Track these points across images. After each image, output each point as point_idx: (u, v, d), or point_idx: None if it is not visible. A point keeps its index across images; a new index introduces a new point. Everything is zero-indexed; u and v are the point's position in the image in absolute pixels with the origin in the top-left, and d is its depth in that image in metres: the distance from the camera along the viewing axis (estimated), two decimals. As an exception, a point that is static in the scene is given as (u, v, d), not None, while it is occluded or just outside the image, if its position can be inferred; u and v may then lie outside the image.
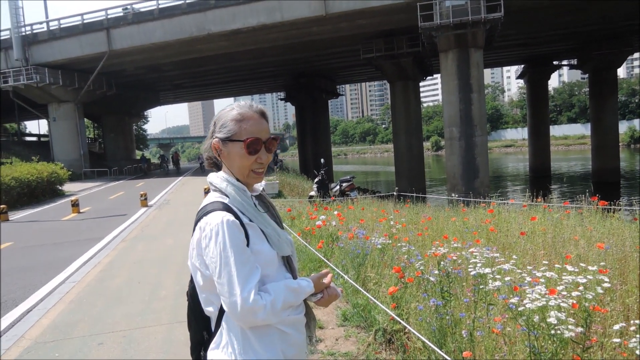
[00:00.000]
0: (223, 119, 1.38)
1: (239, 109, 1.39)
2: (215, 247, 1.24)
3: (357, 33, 24.39)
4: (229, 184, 1.36)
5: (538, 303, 1.86)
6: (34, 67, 27.63)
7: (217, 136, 1.38)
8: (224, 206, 1.31)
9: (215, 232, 1.24)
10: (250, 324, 1.26)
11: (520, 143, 75.67)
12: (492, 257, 2.87)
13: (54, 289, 5.87)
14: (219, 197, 1.35)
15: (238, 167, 1.37)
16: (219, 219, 1.25)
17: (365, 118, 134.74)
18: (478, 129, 20.30)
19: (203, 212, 1.31)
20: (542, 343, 1.97)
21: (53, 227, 11.38)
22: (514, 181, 37.35)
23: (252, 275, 1.24)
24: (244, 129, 1.36)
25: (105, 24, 26.59)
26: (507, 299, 2.22)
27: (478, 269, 2.48)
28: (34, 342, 4.08)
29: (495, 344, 2.37)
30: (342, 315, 3.98)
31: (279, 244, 1.36)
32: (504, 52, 34.30)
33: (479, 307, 2.63)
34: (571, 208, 6.12)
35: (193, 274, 1.36)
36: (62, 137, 30.62)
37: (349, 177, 14.02)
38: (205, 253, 1.26)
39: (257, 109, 1.41)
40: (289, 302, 1.30)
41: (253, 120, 1.37)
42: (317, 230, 6.50)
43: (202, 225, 1.28)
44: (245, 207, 1.34)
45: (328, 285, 1.42)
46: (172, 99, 51.48)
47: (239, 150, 1.35)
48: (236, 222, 1.27)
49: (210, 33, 24.39)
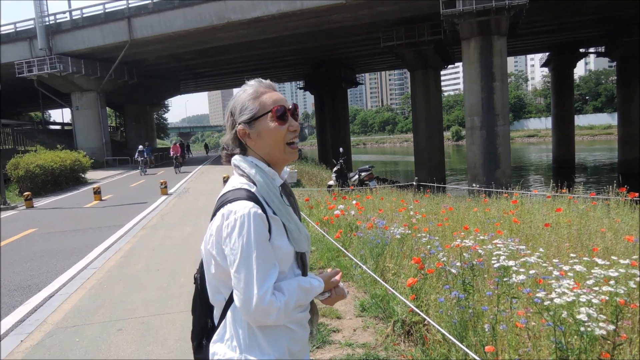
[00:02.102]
0: (240, 103, 1.31)
1: (250, 88, 1.33)
2: (238, 239, 1.17)
3: (378, 20, 24.08)
4: (258, 170, 1.28)
5: (566, 298, 1.77)
6: (57, 56, 28.07)
7: (241, 120, 1.30)
8: (251, 195, 1.23)
9: (240, 223, 1.17)
10: (260, 323, 1.21)
11: (543, 133, 74.15)
12: (517, 249, 2.77)
13: (76, 274, 5.97)
14: (246, 184, 1.27)
15: (272, 143, 1.30)
16: (246, 210, 1.18)
17: (384, 107, 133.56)
18: (500, 119, 19.91)
19: (227, 199, 1.23)
20: (569, 339, 1.88)
21: (75, 214, 11.59)
22: (537, 172, 36.65)
23: (271, 273, 1.19)
24: (265, 102, 1.30)
25: (127, 13, 26.80)
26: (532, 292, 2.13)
27: (502, 261, 2.39)
28: (56, 327, 4.14)
29: (519, 339, 2.29)
30: (360, 305, 3.93)
31: (299, 240, 1.29)
32: (528, 40, 33.49)
33: (502, 301, 2.55)
34: (597, 199, 5.93)
35: (205, 260, 1.30)
36: (84, 126, 31.15)
37: (367, 166, 13.90)
38: (225, 243, 1.20)
39: (267, 83, 1.35)
40: (300, 302, 1.26)
41: (269, 92, 1.32)
42: (335, 219, 6.44)
43: (226, 213, 1.20)
44: (272, 198, 1.26)
45: (337, 285, 1.38)
46: (193, 87, 51.83)
47: (268, 124, 1.28)
48: (263, 215, 1.20)
49: (230, 21, 24.37)
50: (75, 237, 8.50)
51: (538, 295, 1.93)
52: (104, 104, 32.42)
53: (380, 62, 41.09)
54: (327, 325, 3.64)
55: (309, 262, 1.39)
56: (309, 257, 1.40)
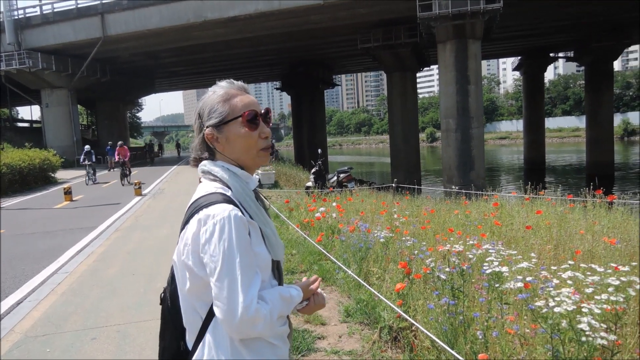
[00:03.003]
0: (209, 105, 1.23)
1: (220, 90, 1.25)
2: (219, 244, 1.07)
3: (356, 22, 24.12)
4: (232, 174, 1.20)
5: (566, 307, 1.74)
6: (26, 51, 27.15)
7: (209, 124, 1.22)
8: (228, 199, 1.14)
9: (220, 227, 1.08)
10: (244, 335, 1.11)
11: (515, 135, 75.80)
12: (509, 254, 2.75)
13: (46, 279, 5.72)
14: (220, 188, 1.18)
15: (242, 149, 1.22)
16: (226, 213, 1.09)
17: (360, 109, 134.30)
18: (475, 121, 20.21)
19: (202, 204, 1.13)
20: (568, 347, 1.85)
21: (45, 215, 11.19)
22: (509, 173, 37.41)
23: (255, 280, 1.10)
24: (235, 106, 1.22)
25: (100, 8, 26.14)
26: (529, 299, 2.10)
27: (494, 267, 2.36)
28: (24, 336, 3.93)
29: (512, 346, 2.26)
30: (345, 311, 3.86)
31: (276, 247, 1.22)
32: (502, 44, 34.14)
33: (493, 307, 2.51)
34: (575, 201, 6.03)
35: (179, 274, 1.18)
36: (55, 124, 30.21)
37: (346, 168, 13.89)
38: (204, 250, 1.09)
39: (239, 85, 1.27)
40: (282, 312, 1.17)
41: (240, 95, 1.24)
42: (316, 222, 6.37)
43: (203, 218, 1.10)
44: (248, 202, 1.19)
45: (315, 292, 1.31)
46: (167, 86, 50.95)
47: (238, 129, 1.21)
48: (244, 218, 1.11)
49: (207, 20, 24.03)
50: (45, 240, 8.18)
51: (537, 304, 1.89)
52: (75, 102, 31.52)
53: (358, 64, 41.23)
54: (312, 331, 3.56)
55: (284, 267, 1.30)
56: (285, 264, 1.32)
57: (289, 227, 6.72)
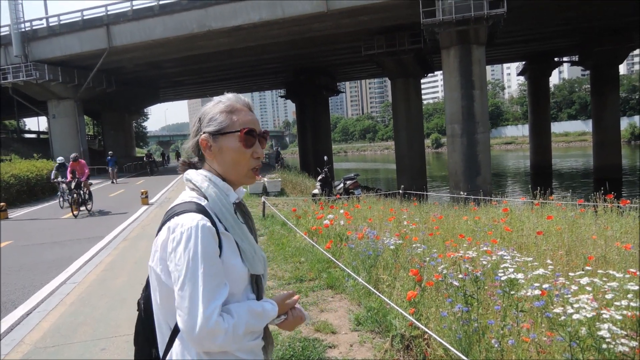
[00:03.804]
0: (211, 113, 1.24)
1: (226, 101, 1.26)
2: (184, 253, 1.07)
3: (359, 29, 24.20)
4: (211, 184, 1.20)
5: (585, 313, 1.70)
6: (33, 63, 27.39)
7: (207, 130, 1.22)
8: (200, 209, 1.14)
9: (186, 236, 1.08)
10: (206, 348, 1.09)
11: (520, 140, 75.51)
12: (524, 261, 2.71)
13: (55, 289, 5.72)
14: (196, 197, 1.18)
15: (232, 163, 1.22)
16: (194, 222, 1.09)
17: (365, 115, 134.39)
18: (480, 126, 20.15)
19: (175, 212, 1.14)
20: (587, 355, 1.81)
21: (53, 225, 11.22)
22: (515, 178, 37.21)
23: (220, 292, 1.08)
24: (236, 120, 1.23)
25: (105, 20, 26.38)
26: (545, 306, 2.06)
27: (509, 273, 2.32)
28: (34, 347, 3.92)
29: (529, 354, 2.22)
30: (355, 319, 3.83)
31: (253, 262, 1.20)
32: (506, 49, 34.11)
33: (508, 314, 2.47)
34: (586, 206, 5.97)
35: (152, 281, 1.19)
36: (61, 134, 30.39)
37: (352, 174, 13.86)
38: (170, 258, 1.10)
39: (244, 101, 1.28)
40: (251, 327, 1.15)
41: (244, 112, 1.25)
42: (324, 229, 6.34)
43: (172, 226, 1.11)
44: (224, 213, 1.18)
45: (293, 307, 1.29)
46: (172, 96, 51.25)
47: (233, 143, 1.21)
48: (212, 229, 1.11)
49: (211, 29, 24.19)
50: (53, 250, 8.20)
51: (555, 310, 1.86)
52: (81, 112, 31.74)
53: (361, 71, 41.32)
54: (322, 340, 3.52)
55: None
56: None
57: (296, 234, 6.69)
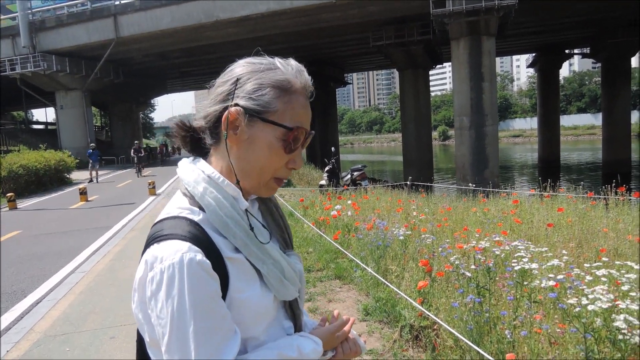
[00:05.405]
0: (258, 80, 0.85)
1: (285, 71, 0.87)
2: (166, 302, 0.75)
3: (367, 20, 24.03)
4: (209, 187, 0.84)
5: (601, 304, 1.67)
6: (41, 54, 27.51)
7: (243, 104, 0.83)
8: (192, 230, 0.80)
9: (168, 278, 0.75)
10: None
11: (528, 133, 74.93)
12: (539, 251, 2.68)
13: (64, 279, 5.75)
14: (187, 209, 0.84)
15: (256, 164, 0.85)
16: (176, 257, 0.76)
17: (372, 107, 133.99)
18: (489, 119, 19.99)
19: (154, 234, 0.81)
20: (602, 347, 1.79)
21: (61, 215, 11.30)
22: (523, 171, 36.97)
23: (224, 350, 0.77)
24: (290, 110, 0.85)
25: (113, 10, 26.40)
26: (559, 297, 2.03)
27: (524, 263, 2.29)
28: (44, 335, 3.95)
29: (541, 346, 2.19)
30: (364, 309, 3.81)
31: (280, 286, 0.87)
32: (516, 41, 33.73)
33: (521, 305, 2.45)
34: (597, 199, 5.90)
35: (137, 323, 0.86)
36: (69, 125, 30.58)
37: (360, 166, 13.83)
38: (151, 306, 0.77)
39: (306, 81, 0.89)
40: None
41: (302, 99, 0.87)
42: (331, 220, 6.33)
43: (149, 260, 0.78)
44: (230, 229, 0.82)
45: (345, 339, 0.97)
46: (180, 87, 51.28)
47: (271, 138, 0.84)
48: (206, 263, 0.77)
49: (219, 20, 24.13)
50: (62, 240, 8.25)
51: (569, 301, 1.83)
52: (89, 103, 31.88)
53: (369, 62, 41.09)
54: (331, 330, 3.51)
55: (303, 305, 0.97)
56: None
57: (304, 225, 6.68)
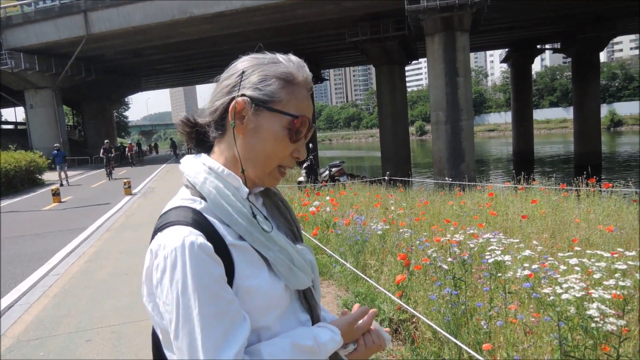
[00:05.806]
0: (263, 71, 0.88)
1: (288, 65, 0.91)
2: (171, 288, 0.76)
3: (343, 16, 24.03)
4: (210, 177, 0.86)
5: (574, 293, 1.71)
6: (8, 52, 26.67)
7: (250, 94, 0.86)
8: (193, 216, 0.82)
9: (171, 263, 0.76)
10: None
11: (503, 127, 76.28)
12: (511, 242, 2.73)
13: (37, 282, 5.61)
14: (189, 199, 0.86)
15: (262, 153, 0.87)
16: (178, 241, 0.76)
17: (349, 103, 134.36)
18: (464, 113, 20.26)
19: (160, 224, 0.83)
20: (576, 335, 1.83)
21: (33, 217, 11.01)
22: (498, 165, 37.65)
23: (232, 336, 0.76)
24: (294, 100, 0.88)
25: (83, 6, 25.74)
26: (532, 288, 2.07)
27: (496, 255, 2.33)
28: (17, 341, 3.85)
29: (517, 336, 2.23)
30: (344, 304, 3.83)
31: (290, 274, 0.87)
32: (489, 36, 34.25)
33: (495, 296, 2.49)
34: (569, 191, 6.06)
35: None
36: (40, 125, 29.77)
37: (338, 162, 13.87)
38: (158, 294, 0.79)
39: (307, 75, 0.93)
40: None
41: (304, 91, 0.91)
42: (310, 216, 6.33)
43: (154, 248, 0.80)
44: (232, 216, 0.83)
45: (367, 330, 0.94)
46: (154, 84, 50.45)
47: (277, 127, 0.87)
48: (206, 246, 0.77)
49: (193, 16, 23.79)
50: (35, 242, 8.04)
51: (544, 290, 1.87)
52: (60, 102, 31.07)
53: (346, 58, 41.14)
54: (311, 326, 3.52)
55: (319, 297, 0.94)
56: None
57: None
